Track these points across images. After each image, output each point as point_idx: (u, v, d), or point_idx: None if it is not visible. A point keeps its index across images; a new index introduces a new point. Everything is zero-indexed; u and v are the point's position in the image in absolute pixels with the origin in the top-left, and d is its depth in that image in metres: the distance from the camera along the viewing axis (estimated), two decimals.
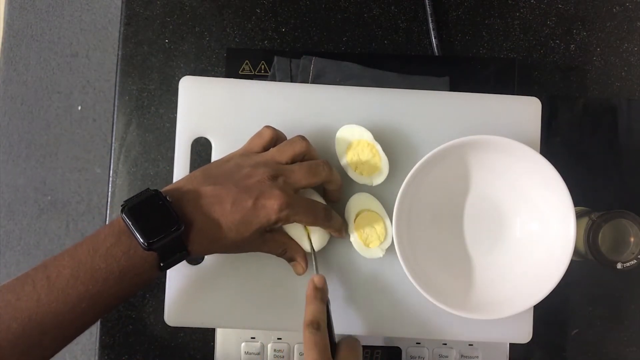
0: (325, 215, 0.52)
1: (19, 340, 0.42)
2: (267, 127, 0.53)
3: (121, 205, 0.46)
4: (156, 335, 0.64)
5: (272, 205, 0.48)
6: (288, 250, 0.53)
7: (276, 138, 0.53)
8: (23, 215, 1.43)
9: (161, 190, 0.47)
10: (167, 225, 0.45)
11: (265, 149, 0.53)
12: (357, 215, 0.55)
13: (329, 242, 0.55)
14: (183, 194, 0.48)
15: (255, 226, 0.48)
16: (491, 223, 0.56)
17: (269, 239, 0.52)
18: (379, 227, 0.55)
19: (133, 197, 0.47)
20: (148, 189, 0.47)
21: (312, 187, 0.54)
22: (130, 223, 0.45)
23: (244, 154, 0.52)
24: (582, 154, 0.65)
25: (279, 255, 0.54)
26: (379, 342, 0.60)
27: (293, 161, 0.51)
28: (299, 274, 0.54)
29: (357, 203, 0.56)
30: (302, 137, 0.52)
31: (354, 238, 0.55)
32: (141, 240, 0.44)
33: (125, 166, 0.65)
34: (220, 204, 0.47)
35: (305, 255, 0.54)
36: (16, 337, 0.42)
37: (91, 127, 1.44)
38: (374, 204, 0.56)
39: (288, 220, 0.49)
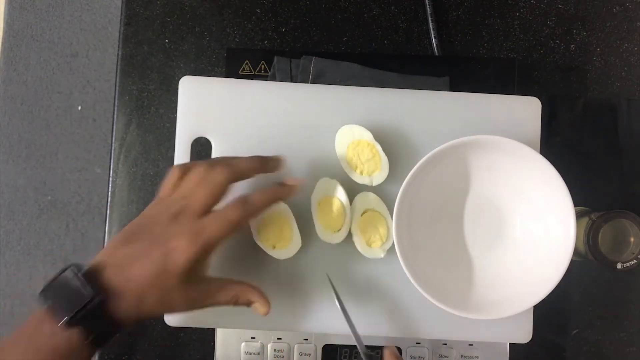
0: (243, 209, 0.48)
1: None
2: (174, 166, 0.50)
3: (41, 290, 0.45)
4: (156, 335, 0.64)
5: (179, 245, 0.45)
6: (240, 295, 0.49)
7: (185, 173, 0.50)
8: (23, 215, 1.43)
9: (86, 264, 0.46)
10: (82, 298, 0.43)
11: (176, 188, 0.50)
12: (361, 215, 0.55)
13: (331, 240, 0.55)
14: (99, 264, 0.46)
15: (176, 272, 0.45)
16: (491, 223, 0.56)
17: (215, 290, 0.49)
18: (382, 228, 0.55)
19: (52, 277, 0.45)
20: (67, 265, 0.45)
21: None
22: (47, 304, 0.43)
23: (157, 202, 0.50)
24: (582, 154, 0.65)
25: (234, 304, 0.50)
26: (379, 342, 0.60)
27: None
28: (265, 315, 0.50)
29: (363, 202, 0.56)
30: (221, 165, 0.49)
31: (357, 238, 0.55)
32: (59, 318, 0.43)
33: (125, 166, 0.65)
34: (134, 262, 0.45)
35: (261, 292, 0.50)
36: None
37: (91, 127, 1.44)
38: (379, 205, 0.56)
39: (210, 247, 0.47)
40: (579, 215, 0.56)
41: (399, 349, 0.59)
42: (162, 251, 0.45)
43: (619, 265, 0.54)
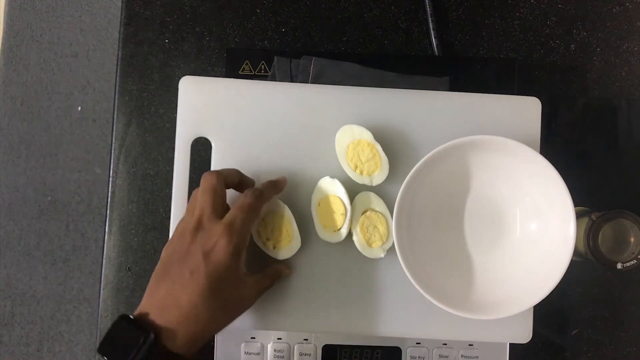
0: (255, 195, 0.51)
1: None
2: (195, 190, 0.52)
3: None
4: None
5: (218, 241, 0.47)
6: (278, 274, 0.54)
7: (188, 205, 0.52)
8: (23, 215, 1.43)
9: (133, 313, 0.47)
10: (135, 341, 0.44)
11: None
12: (361, 214, 0.55)
13: (331, 240, 0.55)
14: (145, 306, 0.47)
15: (225, 271, 0.47)
16: (491, 223, 0.56)
17: (259, 281, 0.52)
18: (382, 228, 0.55)
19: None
20: (116, 318, 0.46)
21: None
22: (105, 357, 0.45)
23: (173, 237, 0.51)
24: (582, 154, 0.65)
25: (274, 283, 0.54)
26: (379, 342, 0.60)
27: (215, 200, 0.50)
28: (288, 275, 0.56)
29: (363, 202, 0.56)
30: (207, 173, 0.51)
31: (357, 237, 0.55)
32: None
33: (125, 166, 0.65)
34: (179, 284, 0.46)
35: (282, 265, 0.55)
36: None
37: (91, 128, 1.44)
38: (379, 204, 0.56)
39: (244, 237, 0.48)
40: (579, 215, 0.56)
41: (399, 349, 0.59)
42: (202, 256, 0.46)
43: (619, 265, 0.54)
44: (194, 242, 0.47)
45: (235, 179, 0.53)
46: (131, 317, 0.46)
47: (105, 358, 0.45)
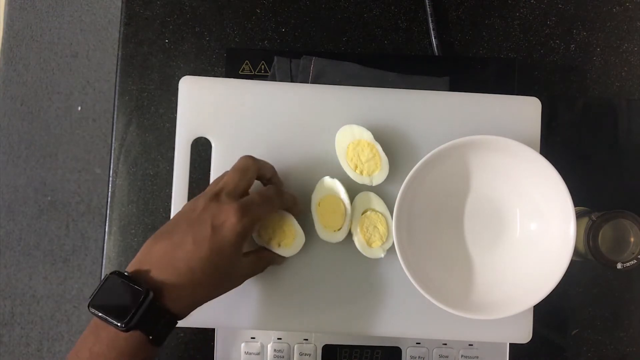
0: (279, 195, 0.52)
1: None
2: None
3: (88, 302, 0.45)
4: None
5: (229, 218, 0.47)
6: (271, 259, 0.54)
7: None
8: (23, 215, 1.43)
9: (125, 270, 0.46)
10: (134, 298, 0.43)
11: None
12: (361, 214, 0.55)
13: (331, 240, 0.55)
14: (141, 262, 0.46)
15: (229, 248, 0.46)
16: (491, 223, 0.56)
17: (255, 261, 0.52)
18: (382, 228, 0.55)
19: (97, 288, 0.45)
20: (107, 274, 0.46)
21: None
22: (100, 314, 0.43)
23: (188, 202, 0.51)
24: (582, 154, 0.65)
25: (266, 267, 0.54)
26: (379, 342, 0.60)
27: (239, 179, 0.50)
28: (280, 263, 0.55)
29: (363, 202, 0.56)
30: (246, 156, 0.51)
31: (357, 237, 0.55)
32: (117, 324, 0.43)
33: (125, 166, 0.65)
34: (181, 247, 0.46)
35: (276, 254, 0.55)
36: None
37: (91, 128, 1.44)
38: (379, 204, 0.56)
39: (254, 222, 0.48)
40: (579, 215, 0.56)
41: (399, 349, 0.59)
42: (211, 228, 0.46)
43: (619, 265, 0.54)
44: (206, 211, 0.47)
45: (268, 174, 0.53)
46: (125, 273, 0.45)
47: (101, 314, 0.43)
